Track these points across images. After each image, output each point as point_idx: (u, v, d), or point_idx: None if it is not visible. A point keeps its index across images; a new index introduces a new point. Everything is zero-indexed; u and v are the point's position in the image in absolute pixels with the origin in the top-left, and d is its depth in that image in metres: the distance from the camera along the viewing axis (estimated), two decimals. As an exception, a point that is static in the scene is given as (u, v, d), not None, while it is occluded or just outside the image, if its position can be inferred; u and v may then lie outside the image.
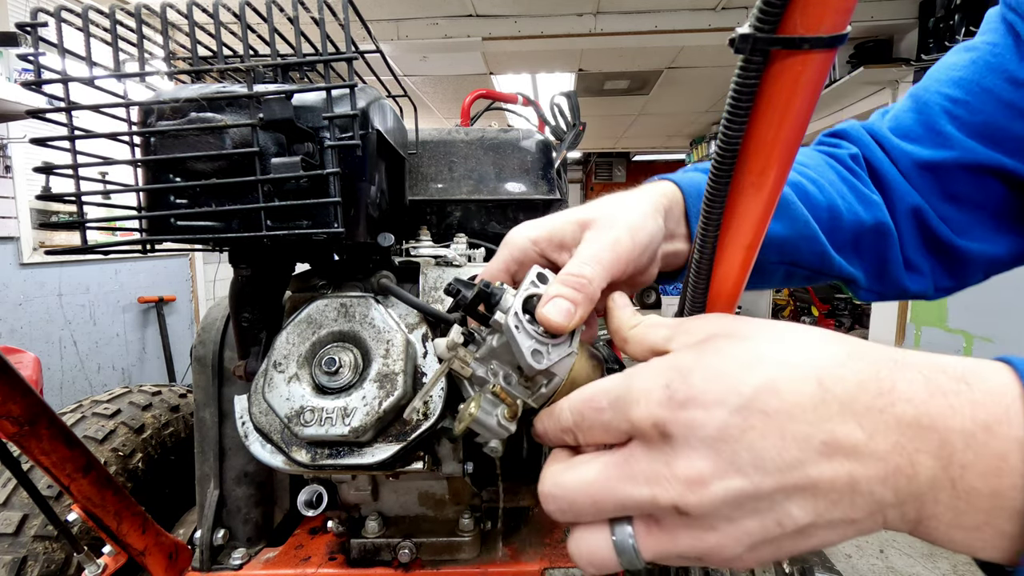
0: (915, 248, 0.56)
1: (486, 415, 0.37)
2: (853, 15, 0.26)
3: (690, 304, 0.37)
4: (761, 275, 0.55)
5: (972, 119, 0.52)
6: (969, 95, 0.52)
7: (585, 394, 0.31)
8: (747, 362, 0.25)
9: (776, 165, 0.29)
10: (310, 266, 0.75)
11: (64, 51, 0.52)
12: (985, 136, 0.51)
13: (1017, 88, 0.50)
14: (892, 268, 0.56)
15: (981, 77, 0.52)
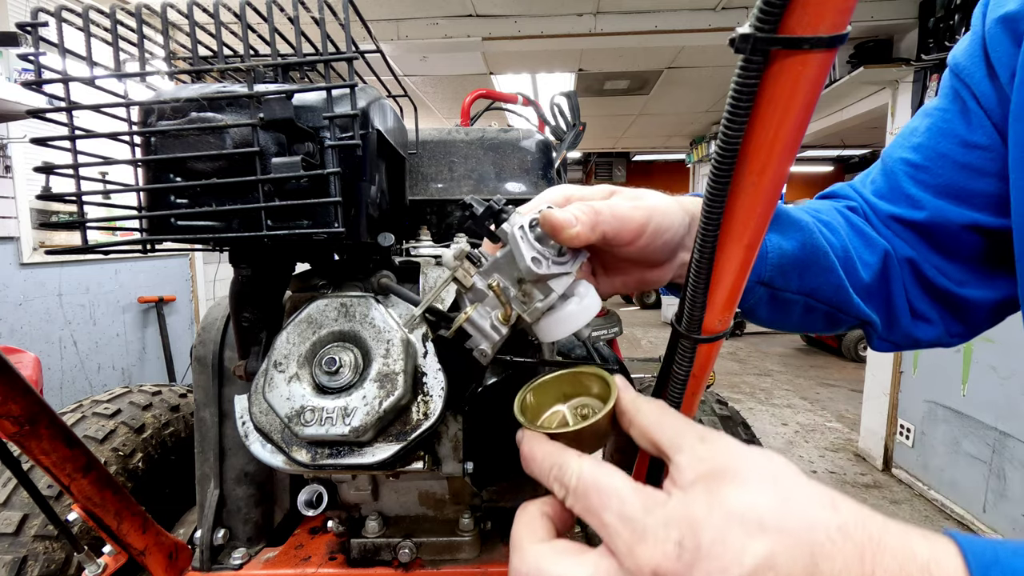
0: (919, 297, 0.57)
1: (481, 317, 0.40)
2: (853, 15, 0.26)
3: (690, 304, 0.37)
4: (782, 309, 0.55)
5: (935, 182, 0.56)
6: (927, 160, 0.56)
7: (603, 481, 0.31)
8: (751, 528, 0.27)
9: (776, 164, 0.29)
10: (310, 266, 0.75)
11: (64, 51, 0.52)
12: (951, 195, 0.55)
13: (970, 150, 0.53)
14: (900, 316, 0.57)
15: (936, 143, 0.56)
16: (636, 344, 6.82)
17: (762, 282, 0.52)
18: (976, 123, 0.53)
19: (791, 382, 5.12)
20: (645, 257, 0.46)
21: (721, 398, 1.20)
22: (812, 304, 0.55)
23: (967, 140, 0.53)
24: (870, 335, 0.59)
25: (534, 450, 0.37)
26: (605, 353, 0.84)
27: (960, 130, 0.54)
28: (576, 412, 0.41)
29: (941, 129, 0.56)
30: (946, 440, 2.76)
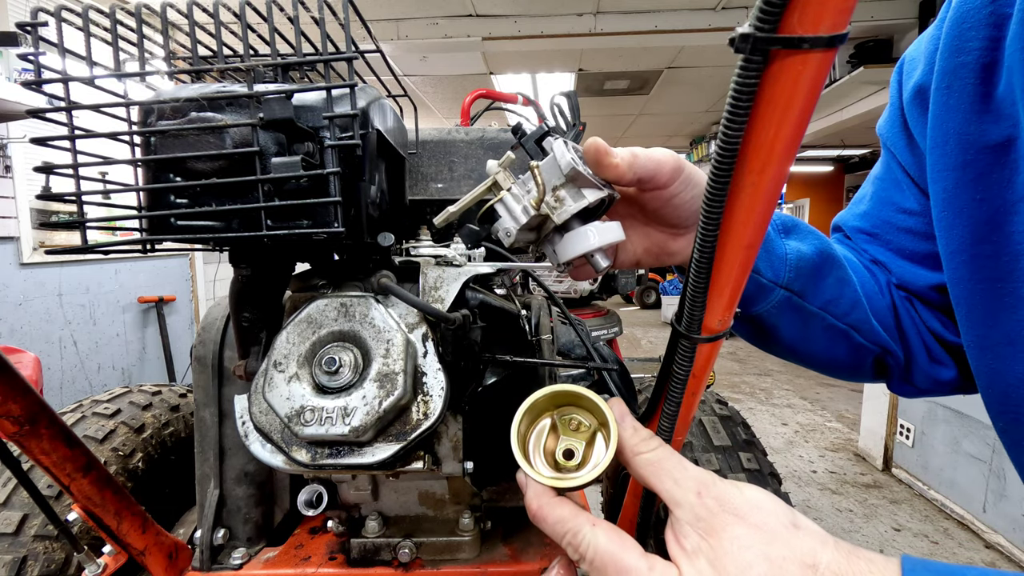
0: (930, 340, 0.58)
1: (515, 199, 0.43)
2: (853, 15, 0.26)
3: (690, 304, 0.37)
4: (804, 324, 0.55)
5: (889, 248, 0.58)
6: (876, 228, 0.60)
7: (619, 558, 0.33)
8: None
9: (776, 164, 0.29)
10: (310, 266, 0.75)
11: (64, 51, 0.52)
12: (907, 258, 0.57)
13: (908, 216, 0.56)
14: (917, 355, 0.57)
15: (879, 211, 0.59)
16: (636, 344, 6.82)
17: (782, 285, 0.52)
18: (907, 191, 0.56)
19: (791, 382, 5.12)
20: (674, 212, 0.47)
21: (721, 398, 1.20)
22: (831, 322, 0.54)
23: (903, 207, 0.56)
24: (895, 375, 0.59)
25: (544, 513, 0.38)
26: (605, 353, 0.84)
27: (895, 198, 0.57)
28: (566, 423, 0.41)
29: (882, 198, 0.59)
30: (946, 440, 2.76)
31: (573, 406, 0.42)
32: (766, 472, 0.97)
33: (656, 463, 0.36)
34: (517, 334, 0.82)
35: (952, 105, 0.45)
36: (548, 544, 0.92)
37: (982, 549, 2.39)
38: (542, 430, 0.42)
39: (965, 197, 0.44)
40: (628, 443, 0.38)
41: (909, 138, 0.54)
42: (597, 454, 0.40)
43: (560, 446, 0.40)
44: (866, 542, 2.45)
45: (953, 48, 0.44)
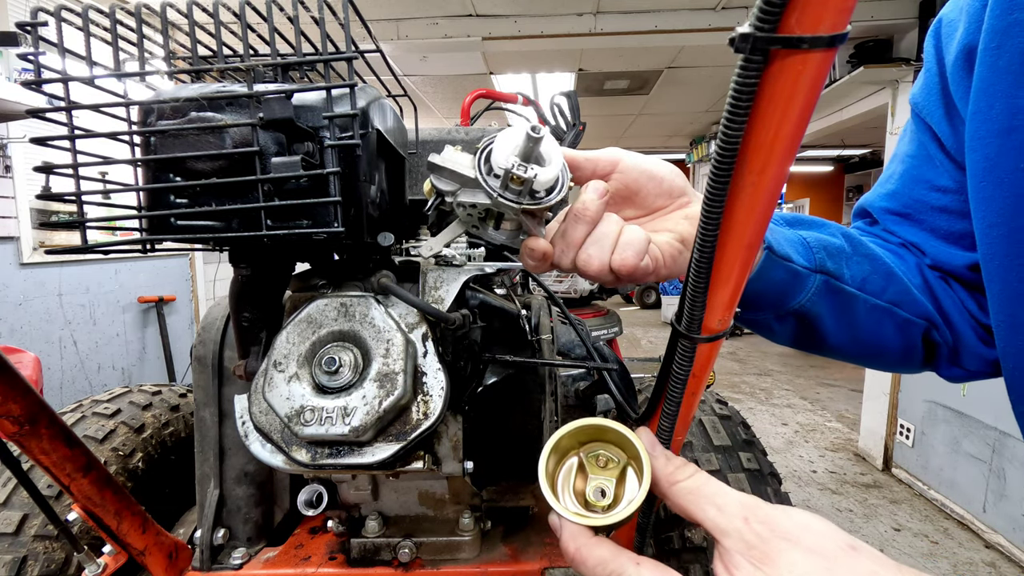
0: (968, 317, 0.55)
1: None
2: (853, 15, 0.26)
3: (690, 304, 0.37)
4: (846, 308, 0.53)
5: (922, 228, 0.56)
6: (907, 208, 0.57)
7: None
8: None
9: (776, 164, 0.29)
10: (310, 266, 0.75)
11: (64, 51, 0.52)
12: (942, 238, 0.55)
13: (943, 194, 0.53)
14: (963, 334, 0.55)
15: (910, 190, 0.56)
16: (636, 344, 6.82)
17: (816, 269, 0.50)
18: (941, 167, 0.53)
19: (791, 382, 5.12)
20: (646, 196, 0.46)
21: (721, 398, 1.20)
22: (872, 302, 0.52)
23: (937, 185, 0.54)
24: (940, 352, 0.56)
25: (583, 555, 0.36)
26: (605, 353, 0.84)
27: (928, 175, 0.54)
28: (593, 461, 0.39)
29: (913, 176, 0.56)
30: (946, 440, 2.76)
31: (599, 441, 0.40)
32: (766, 472, 0.97)
33: (696, 491, 0.35)
34: (517, 334, 0.82)
35: (1002, 67, 0.42)
36: (548, 544, 0.92)
37: (982, 549, 2.39)
38: (570, 469, 0.40)
39: (1007, 166, 0.42)
40: (662, 473, 0.37)
41: (948, 106, 0.51)
42: (630, 489, 0.38)
43: (590, 485, 0.38)
44: (866, 542, 2.45)
45: (1006, 4, 0.41)
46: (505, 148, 0.38)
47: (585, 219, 0.41)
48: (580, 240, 0.41)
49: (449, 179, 0.39)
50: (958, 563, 2.30)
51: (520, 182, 0.38)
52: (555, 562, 0.86)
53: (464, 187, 0.39)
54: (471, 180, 0.39)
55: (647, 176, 0.46)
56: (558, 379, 0.89)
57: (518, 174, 0.37)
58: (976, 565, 2.28)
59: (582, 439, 0.40)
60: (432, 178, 0.40)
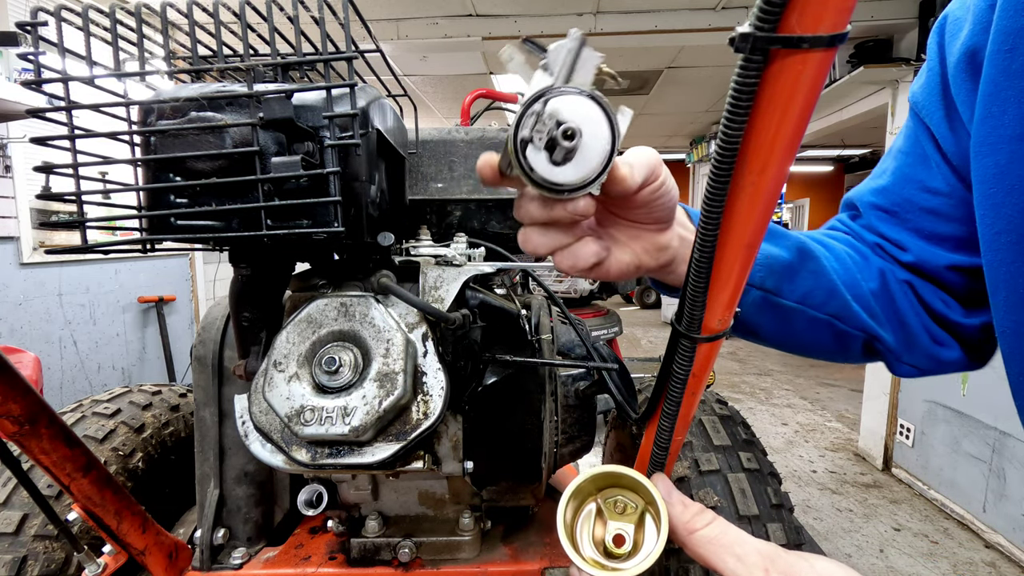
0: (929, 322, 0.56)
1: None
2: (853, 15, 0.26)
3: (690, 304, 0.37)
4: (784, 320, 0.54)
5: (908, 227, 0.56)
6: (895, 206, 0.57)
7: None
8: None
9: (776, 164, 0.29)
10: (310, 265, 0.75)
11: (64, 50, 0.52)
12: (926, 238, 0.55)
13: (933, 196, 0.53)
14: (918, 336, 0.56)
15: (901, 188, 0.56)
16: (636, 344, 6.82)
17: (755, 285, 0.52)
18: (935, 169, 0.53)
19: (791, 382, 5.12)
20: (658, 208, 0.43)
21: (721, 398, 1.20)
22: (811, 314, 0.54)
23: (928, 186, 0.53)
24: (888, 358, 0.58)
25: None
26: (605, 352, 0.84)
27: (920, 175, 0.54)
28: (611, 506, 0.39)
29: (905, 175, 0.56)
30: (946, 440, 2.76)
31: (616, 487, 0.40)
32: (766, 472, 0.97)
33: (714, 539, 0.35)
34: (517, 334, 0.82)
35: (1015, 70, 0.41)
36: (547, 544, 0.92)
37: (982, 549, 2.39)
38: (588, 516, 0.40)
39: (1019, 172, 0.41)
40: (680, 521, 0.37)
41: (948, 107, 0.50)
42: (649, 535, 0.38)
43: (609, 531, 0.38)
44: (866, 542, 2.45)
45: (1019, 4, 0.40)
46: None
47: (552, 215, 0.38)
48: (538, 220, 0.39)
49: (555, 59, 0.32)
50: (958, 563, 2.30)
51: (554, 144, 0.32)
52: (555, 562, 0.86)
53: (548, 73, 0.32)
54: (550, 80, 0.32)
55: (664, 196, 0.43)
56: (558, 379, 0.89)
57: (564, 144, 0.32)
58: (976, 565, 2.28)
59: (600, 485, 0.40)
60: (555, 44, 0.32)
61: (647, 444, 0.49)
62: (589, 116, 0.32)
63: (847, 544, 2.43)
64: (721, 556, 0.34)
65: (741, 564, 0.33)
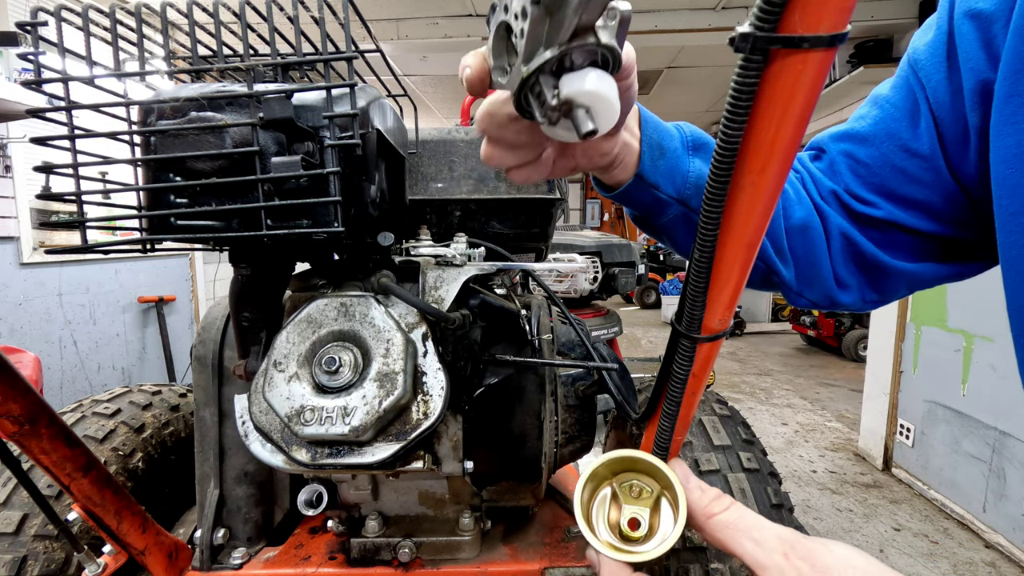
0: (843, 265, 0.58)
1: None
2: (853, 14, 0.26)
3: (690, 303, 0.37)
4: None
5: (874, 181, 0.56)
6: (870, 159, 0.56)
7: None
8: None
9: (776, 164, 0.29)
10: (310, 265, 0.75)
11: (64, 50, 0.52)
12: (883, 194, 0.55)
13: (909, 157, 0.53)
14: (823, 277, 0.58)
15: (880, 143, 0.55)
16: (636, 344, 6.82)
17: (679, 199, 0.53)
18: (924, 129, 0.52)
19: (791, 382, 5.12)
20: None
21: (721, 398, 1.20)
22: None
23: (909, 147, 0.53)
24: (784, 290, 0.60)
25: None
26: (605, 352, 0.84)
27: (904, 134, 0.53)
28: (626, 490, 0.39)
29: (889, 129, 0.54)
30: (946, 440, 2.76)
31: (631, 471, 0.40)
32: (766, 472, 0.97)
33: (732, 524, 0.35)
34: (517, 334, 0.82)
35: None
36: (547, 544, 0.92)
37: (982, 549, 2.39)
38: (603, 500, 0.40)
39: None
40: (698, 505, 0.36)
41: (951, 70, 0.48)
42: (665, 522, 0.38)
43: (624, 514, 0.38)
44: (866, 542, 2.45)
45: None
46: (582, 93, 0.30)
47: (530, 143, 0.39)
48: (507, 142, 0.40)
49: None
50: (958, 563, 2.30)
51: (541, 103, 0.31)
52: (555, 562, 0.86)
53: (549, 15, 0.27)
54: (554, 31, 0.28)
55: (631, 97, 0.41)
56: (558, 379, 0.89)
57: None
58: (976, 565, 2.28)
59: (615, 469, 0.40)
60: None
61: (647, 444, 0.49)
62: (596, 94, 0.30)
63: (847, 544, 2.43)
64: (739, 540, 0.33)
65: (760, 548, 0.32)
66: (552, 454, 0.86)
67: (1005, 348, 2.40)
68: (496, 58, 0.32)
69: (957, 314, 2.71)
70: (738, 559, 0.34)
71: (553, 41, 0.28)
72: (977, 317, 2.58)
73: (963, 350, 2.64)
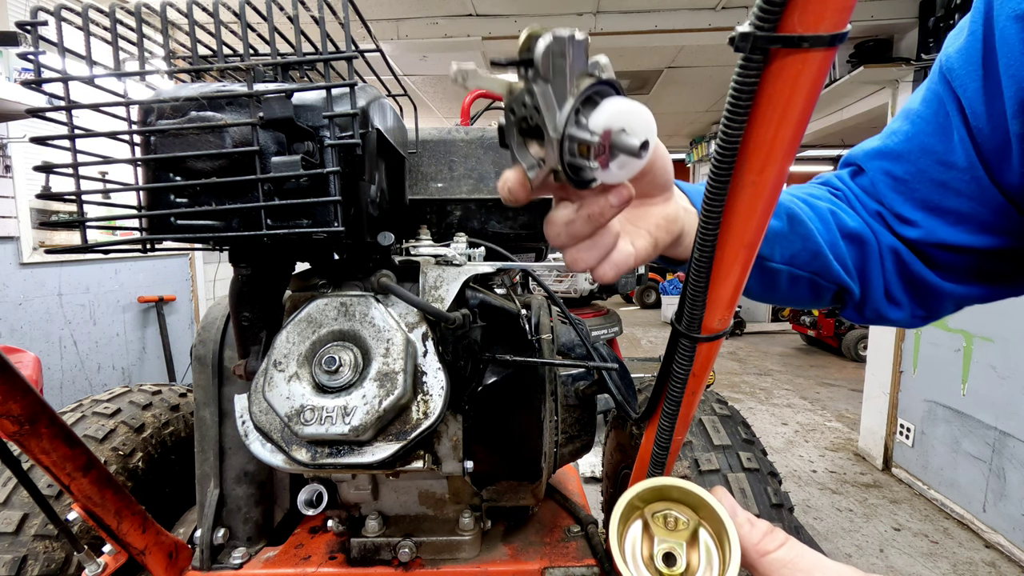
0: (896, 283, 0.58)
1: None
2: (853, 14, 0.26)
3: (690, 303, 0.37)
4: (769, 279, 0.56)
5: (915, 196, 0.55)
6: (907, 175, 0.55)
7: None
8: None
9: (776, 163, 0.29)
10: (310, 265, 0.75)
11: (64, 50, 0.52)
12: (927, 209, 0.54)
13: (947, 169, 0.51)
14: (874, 294, 0.58)
15: (915, 158, 0.54)
16: (636, 344, 6.82)
17: None
18: (957, 142, 0.50)
19: (791, 382, 5.12)
20: (656, 174, 0.44)
21: (721, 397, 1.20)
22: (795, 273, 0.55)
23: (945, 159, 0.51)
24: (845, 305, 0.60)
25: None
26: (605, 352, 0.84)
27: (938, 148, 0.52)
28: (659, 521, 0.36)
29: (922, 144, 0.53)
30: (946, 440, 2.76)
31: (665, 500, 0.36)
32: (766, 472, 0.97)
33: (790, 564, 0.31)
34: (517, 333, 0.82)
35: None
36: (547, 544, 0.92)
37: (982, 549, 2.39)
38: (635, 533, 0.36)
39: None
40: (748, 541, 0.33)
41: (988, 77, 0.46)
42: (707, 558, 0.33)
43: (658, 548, 0.34)
44: (866, 542, 2.45)
45: None
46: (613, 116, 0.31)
47: (599, 223, 0.38)
48: (582, 237, 0.39)
49: (551, 64, 0.31)
50: (958, 563, 2.30)
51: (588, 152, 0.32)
52: (555, 562, 0.86)
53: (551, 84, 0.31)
54: (561, 91, 0.31)
55: (662, 163, 0.43)
56: (558, 379, 0.89)
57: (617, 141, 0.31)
58: (976, 565, 2.28)
59: (647, 499, 0.37)
60: (543, 45, 0.30)
61: (647, 444, 0.49)
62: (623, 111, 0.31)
63: (847, 544, 2.43)
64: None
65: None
66: (552, 454, 0.86)
67: (1005, 348, 2.40)
68: (527, 161, 0.34)
69: (957, 314, 2.72)
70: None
71: (564, 98, 0.31)
72: (977, 317, 2.58)
73: (963, 350, 2.64)
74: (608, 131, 0.31)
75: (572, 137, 0.31)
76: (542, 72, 0.30)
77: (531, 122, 0.32)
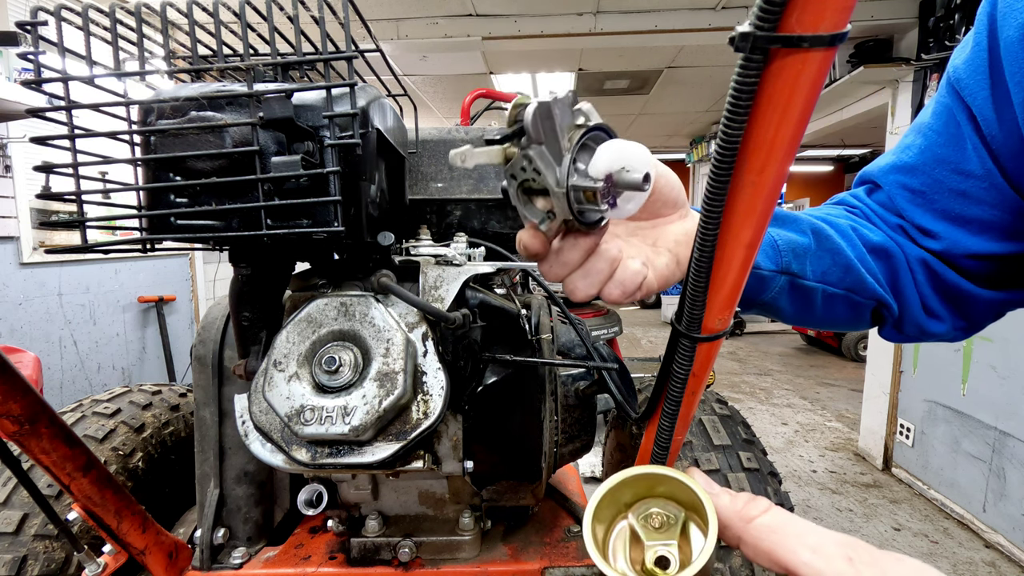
0: (931, 296, 0.57)
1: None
2: (853, 14, 0.26)
3: (690, 303, 0.37)
4: (804, 299, 0.55)
5: (935, 207, 0.55)
6: (924, 187, 0.55)
7: None
8: None
9: (776, 163, 0.29)
10: (310, 265, 0.75)
11: (64, 50, 0.52)
12: (948, 219, 0.54)
13: (964, 178, 0.52)
14: (911, 307, 0.57)
15: (931, 170, 0.55)
16: (636, 344, 6.82)
17: (781, 270, 0.52)
18: (971, 151, 0.50)
19: (791, 382, 5.12)
20: (664, 191, 0.44)
21: (721, 397, 1.20)
22: (830, 291, 0.55)
23: (960, 168, 0.51)
24: (888, 324, 0.58)
25: None
26: (605, 352, 0.84)
27: (953, 157, 0.52)
28: (646, 523, 0.33)
29: (936, 155, 0.54)
30: (946, 440, 2.76)
31: (648, 498, 0.34)
32: (766, 472, 0.97)
33: (780, 528, 0.29)
34: (517, 333, 0.82)
35: None
36: (547, 544, 0.92)
37: (982, 549, 2.39)
38: (621, 536, 0.34)
39: None
40: (731, 510, 0.31)
41: (996, 85, 0.46)
42: (697, 546, 0.32)
43: (648, 553, 0.32)
44: (866, 542, 2.45)
45: None
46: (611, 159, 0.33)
47: (587, 248, 0.38)
48: (574, 265, 0.39)
49: (540, 127, 0.33)
50: (958, 563, 2.30)
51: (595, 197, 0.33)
52: (555, 562, 0.86)
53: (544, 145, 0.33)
54: (556, 149, 0.33)
55: (665, 181, 0.45)
56: (558, 379, 0.89)
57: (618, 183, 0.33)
58: (976, 565, 2.28)
59: (624, 499, 0.35)
60: (531, 112, 0.32)
61: (647, 444, 0.49)
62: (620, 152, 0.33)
63: (847, 544, 2.43)
64: (792, 548, 0.28)
65: (818, 555, 0.27)
66: (552, 454, 0.86)
67: (1005, 348, 2.40)
68: (537, 216, 0.36)
69: (957, 314, 2.72)
70: (790, 572, 0.28)
71: (560, 154, 0.33)
72: (977, 317, 2.59)
73: (963, 350, 2.64)
74: (608, 172, 0.33)
75: (576, 187, 0.33)
76: (534, 137, 0.32)
77: (534, 184, 0.34)
